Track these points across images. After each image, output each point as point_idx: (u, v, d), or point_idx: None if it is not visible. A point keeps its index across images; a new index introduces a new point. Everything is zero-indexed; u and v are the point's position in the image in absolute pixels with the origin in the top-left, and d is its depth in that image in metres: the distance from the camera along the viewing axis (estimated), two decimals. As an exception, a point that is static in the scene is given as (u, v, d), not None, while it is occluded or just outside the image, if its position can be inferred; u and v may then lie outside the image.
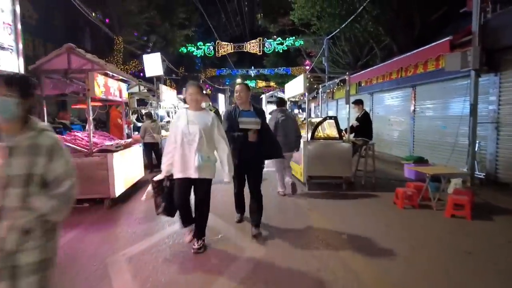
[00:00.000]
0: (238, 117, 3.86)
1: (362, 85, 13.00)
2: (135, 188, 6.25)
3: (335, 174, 6.22)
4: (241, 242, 3.77)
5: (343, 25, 13.61)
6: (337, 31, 14.74)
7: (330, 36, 15.86)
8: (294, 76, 16.13)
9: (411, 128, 9.81)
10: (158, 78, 9.15)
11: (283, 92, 13.38)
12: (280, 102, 6.10)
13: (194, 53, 19.38)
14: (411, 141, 9.84)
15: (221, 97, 25.78)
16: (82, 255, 3.52)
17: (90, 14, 11.20)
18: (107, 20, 14.40)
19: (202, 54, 19.48)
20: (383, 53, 14.11)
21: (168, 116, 11.86)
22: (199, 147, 3.33)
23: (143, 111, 9.09)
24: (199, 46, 19.40)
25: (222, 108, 26.11)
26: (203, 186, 3.46)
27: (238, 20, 36.34)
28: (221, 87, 35.53)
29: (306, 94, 6.30)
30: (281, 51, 19.10)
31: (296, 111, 29.26)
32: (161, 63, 8.94)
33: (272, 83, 31.61)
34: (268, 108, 17.56)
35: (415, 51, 8.05)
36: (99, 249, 3.65)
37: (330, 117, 6.37)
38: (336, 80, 7.03)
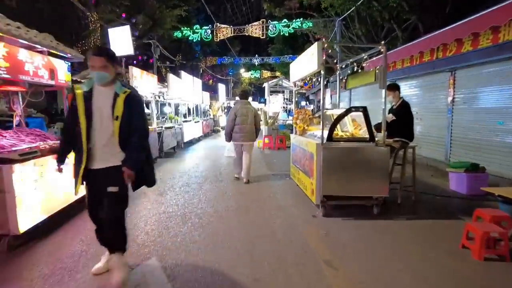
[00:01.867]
0: None
1: (383, 71, 10.88)
2: (65, 216, 4.06)
3: (364, 194, 4.19)
4: None
5: (360, 2, 11.56)
6: (351, 9, 12.74)
7: (343, 17, 13.87)
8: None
9: (448, 123, 7.77)
10: (127, 58, 7.19)
11: (288, 80, 11.42)
12: (243, 95, 6.58)
13: (190, 38, 17.26)
14: (447, 139, 7.82)
15: (221, 88, 23.43)
16: None
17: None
18: (93, 1, 12.53)
19: (199, 39, 17.37)
20: (405, 36, 12.11)
21: (148, 108, 9.86)
22: None
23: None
24: (196, 30, 17.29)
25: (222, 99, 23.98)
26: None
27: (244, 11, 34.17)
28: (224, 78, 33.46)
29: (322, 73, 4.19)
30: (286, 34, 16.90)
31: (303, 103, 27.12)
32: (130, 39, 6.91)
33: (278, 73, 29.42)
34: (271, 99, 15.65)
35: (467, 19, 5.96)
36: None
37: (357, 108, 4.30)
38: (363, 55, 4.92)
